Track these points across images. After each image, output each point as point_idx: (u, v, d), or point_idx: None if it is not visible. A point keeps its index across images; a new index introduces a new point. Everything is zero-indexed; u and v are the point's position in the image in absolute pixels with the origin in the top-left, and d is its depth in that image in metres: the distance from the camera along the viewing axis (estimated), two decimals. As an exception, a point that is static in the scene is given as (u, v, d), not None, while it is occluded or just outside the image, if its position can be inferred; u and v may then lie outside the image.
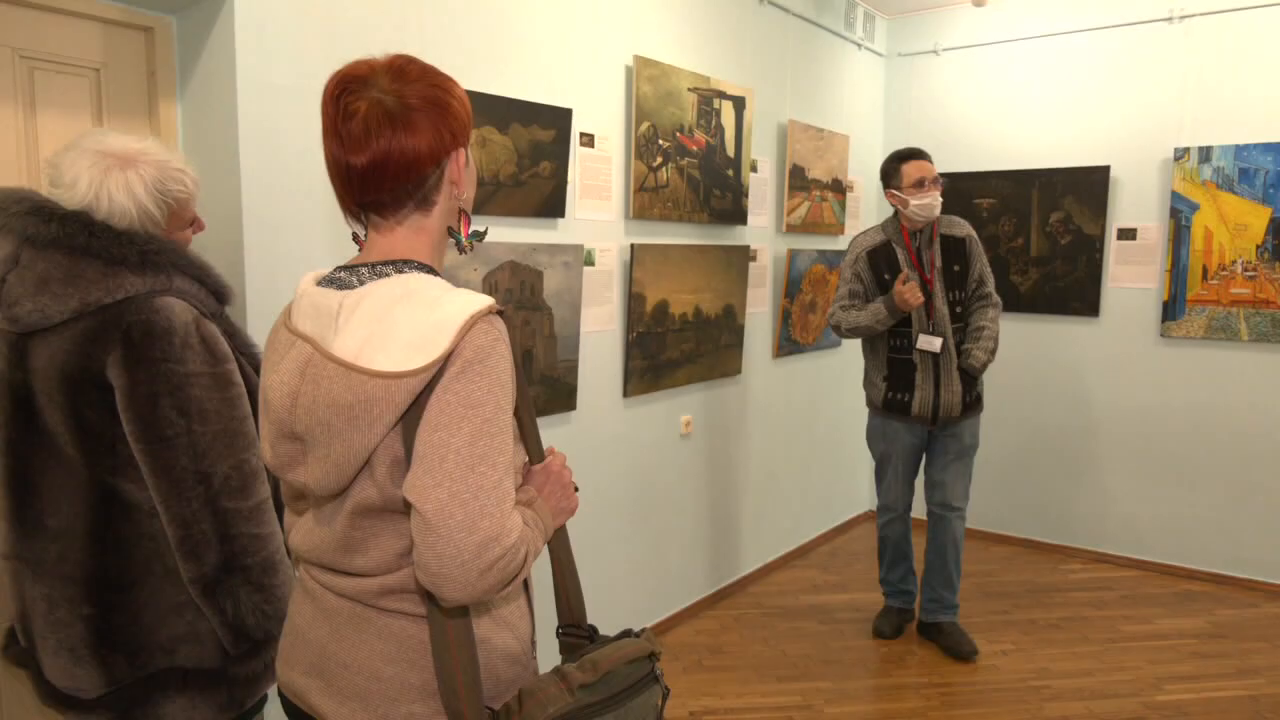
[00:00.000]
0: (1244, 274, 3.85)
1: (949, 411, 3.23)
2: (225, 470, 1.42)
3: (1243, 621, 3.62)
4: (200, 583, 1.42)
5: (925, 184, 3.16)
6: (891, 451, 3.39)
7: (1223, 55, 3.85)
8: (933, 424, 3.29)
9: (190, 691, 1.49)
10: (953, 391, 3.22)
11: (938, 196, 3.18)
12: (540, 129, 2.68)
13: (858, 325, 3.25)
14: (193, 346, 1.40)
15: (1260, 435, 3.90)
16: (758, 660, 3.29)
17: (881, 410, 3.37)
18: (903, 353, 3.26)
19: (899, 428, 3.34)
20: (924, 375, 3.23)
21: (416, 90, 1.10)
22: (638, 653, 1.19)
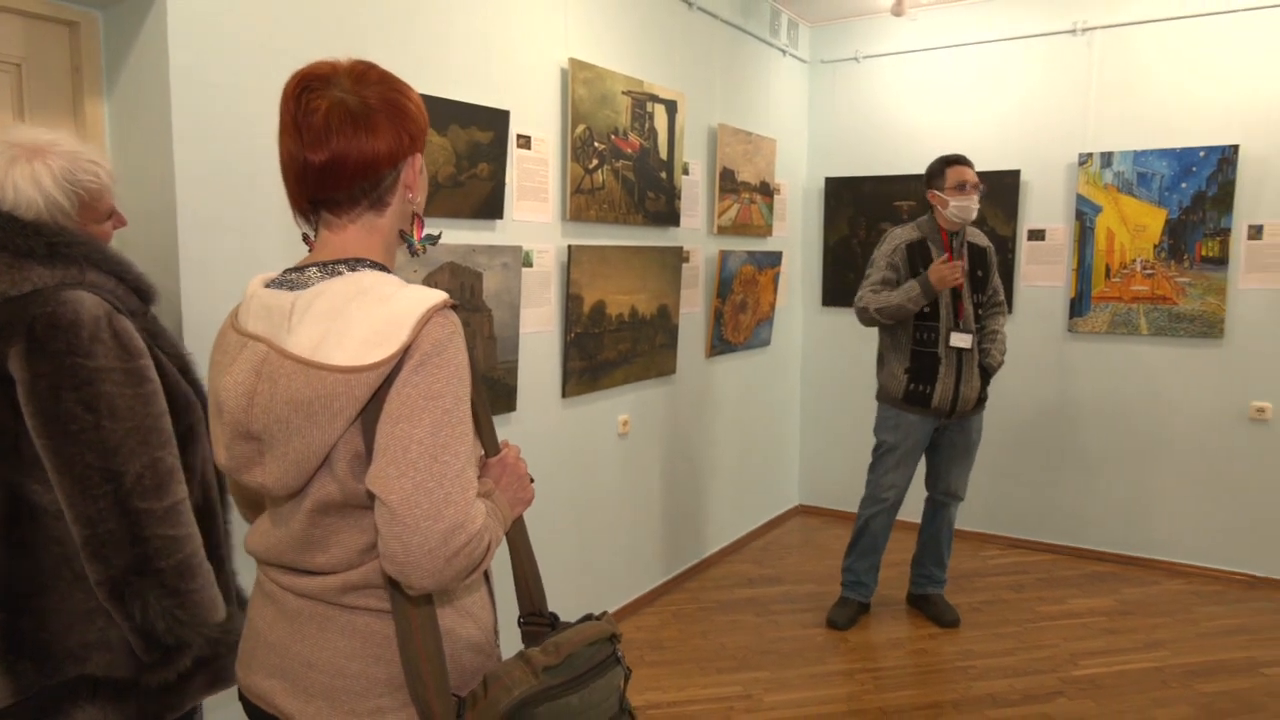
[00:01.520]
0: (1143, 272, 4.10)
1: (965, 405, 3.41)
2: (138, 469, 1.38)
3: (1147, 598, 3.85)
4: (107, 585, 1.37)
5: (967, 188, 3.32)
6: (900, 443, 3.49)
7: (1122, 66, 4.10)
8: (949, 416, 3.43)
9: (101, 701, 1.44)
10: (972, 387, 3.40)
11: (976, 201, 3.34)
12: (478, 130, 2.69)
13: (888, 305, 3.33)
14: (103, 341, 1.36)
15: (1159, 424, 4.16)
16: (698, 654, 3.35)
17: (901, 401, 3.46)
18: (928, 346, 3.39)
19: (914, 420, 3.45)
20: (947, 369, 3.37)
21: (377, 93, 1.13)
22: (599, 635, 1.22)
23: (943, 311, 3.34)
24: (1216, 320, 3.98)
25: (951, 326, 3.35)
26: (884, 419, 3.53)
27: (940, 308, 3.34)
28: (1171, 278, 4.05)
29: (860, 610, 3.66)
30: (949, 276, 3.24)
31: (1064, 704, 2.96)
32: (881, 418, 3.55)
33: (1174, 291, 4.05)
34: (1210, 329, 3.99)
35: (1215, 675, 3.16)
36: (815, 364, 5.03)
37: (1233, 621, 3.61)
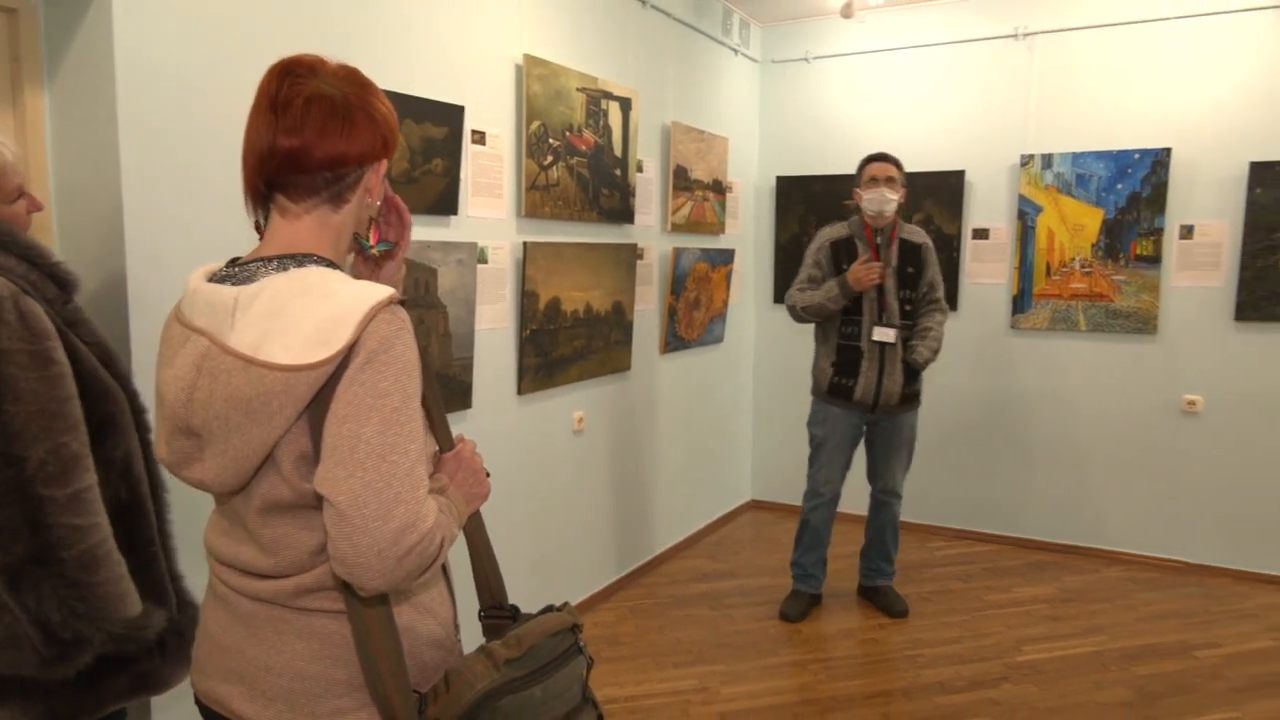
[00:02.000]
0: (1081, 270, 4.24)
1: (888, 400, 3.46)
2: (41, 454, 1.33)
3: (1087, 586, 3.99)
4: (5, 574, 1.33)
5: (879, 181, 3.40)
6: (830, 436, 3.57)
7: (1061, 71, 4.23)
8: (872, 410, 3.50)
9: (8, 701, 1.39)
10: (894, 381, 3.46)
11: (886, 194, 3.40)
12: (433, 125, 2.67)
13: (811, 304, 3.45)
14: (7, 322, 1.32)
15: (1098, 417, 4.30)
16: (654, 648, 3.37)
17: (826, 395, 3.55)
18: (852, 340, 3.47)
19: (839, 413, 3.54)
20: (870, 363, 3.45)
21: (359, 94, 1.13)
22: (560, 625, 1.23)
23: (866, 306, 3.43)
24: (1150, 317, 4.12)
25: (875, 321, 3.43)
26: (814, 413, 3.63)
27: (865, 303, 3.42)
28: (1108, 276, 4.19)
29: (812, 602, 3.72)
30: (865, 277, 3.33)
31: (1009, 689, 3.05)
32: (812, 412, 3.64)
33: (1110, 289, 4.19)
34: (1144, 325, 4.14)
35: (1150, 658, 3.28)
36: (767, 360, 5.09)
37: (1167, 606, 3.75)
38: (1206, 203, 4.00)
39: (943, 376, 4.60)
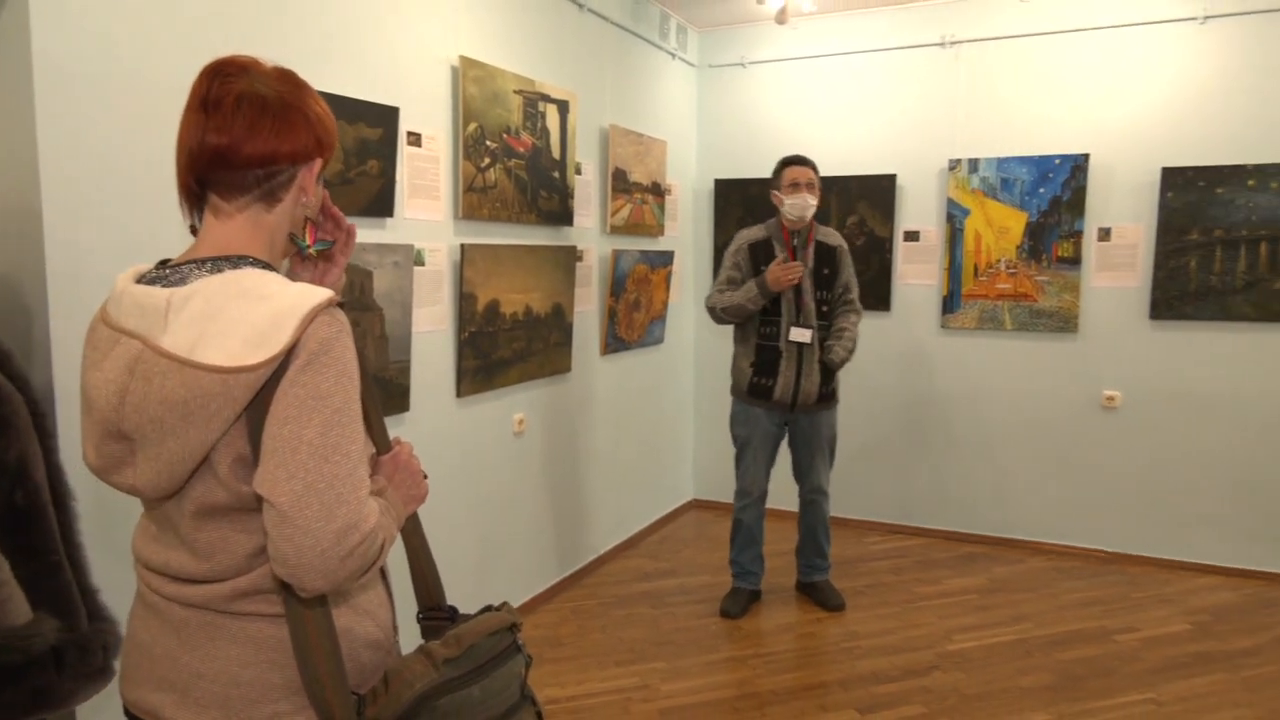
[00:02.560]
0: (1007, 271, 4.39)
1: (806, 399, 3.54)
2: None
3: (1014, 576, 4.13)
4: None
5: (800, 186, 3.48)
6: (752, 436, 3.64)
7: (987, 78, 4.38)
8: (791, 410, 3.57)
9: None
10: (812, 381, 3.53)
11: (808, 199, 3.48)
12: (367, 127, 2.65)
13: (731, 304, 3.52)
14: None
15: (1023, 413, 4.46)
16: (596, 648, 3.39)
17: (746, 395, 3.62)
18: (771, 340, 3.54)
19: (760, 413, 3.61)
20: (788, 363, 3.52)
21: (293, 93, 1.13)
22: (499, 624, 1.24)
23: (784, 307, 3.51)
24: (1071, 316, 4.29)
25: (792, 322, 3.51)
26: (735, 413, 3.70)
27: (782, 304, 3.51)
28: (1032, 276, 4.35)
29: (752, 598, 3.78)
30: (784, 277, 3.42)
31: (939, 677, 3.15)
32: (733, 412, 3.71)
33: (1034, 289, 4.35)
34: (1066, 324, 4.31)
35: (1072, 644, 3.42)
36: (708, 361, 5.14)
37: (1089, 594, 3.91)
38: (1123, 206, 4.18)
39: (876, 375, 4.72)
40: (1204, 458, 4.14)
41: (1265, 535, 4.06)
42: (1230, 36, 3.93)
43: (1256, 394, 4.02)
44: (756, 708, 2.95)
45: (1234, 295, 3.98)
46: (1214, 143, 3.98)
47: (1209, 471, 4.14)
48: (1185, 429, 4.16)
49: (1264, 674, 3.17)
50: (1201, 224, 4.00)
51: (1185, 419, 4.16)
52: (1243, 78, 3.92)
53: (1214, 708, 2.94)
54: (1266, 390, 4.00)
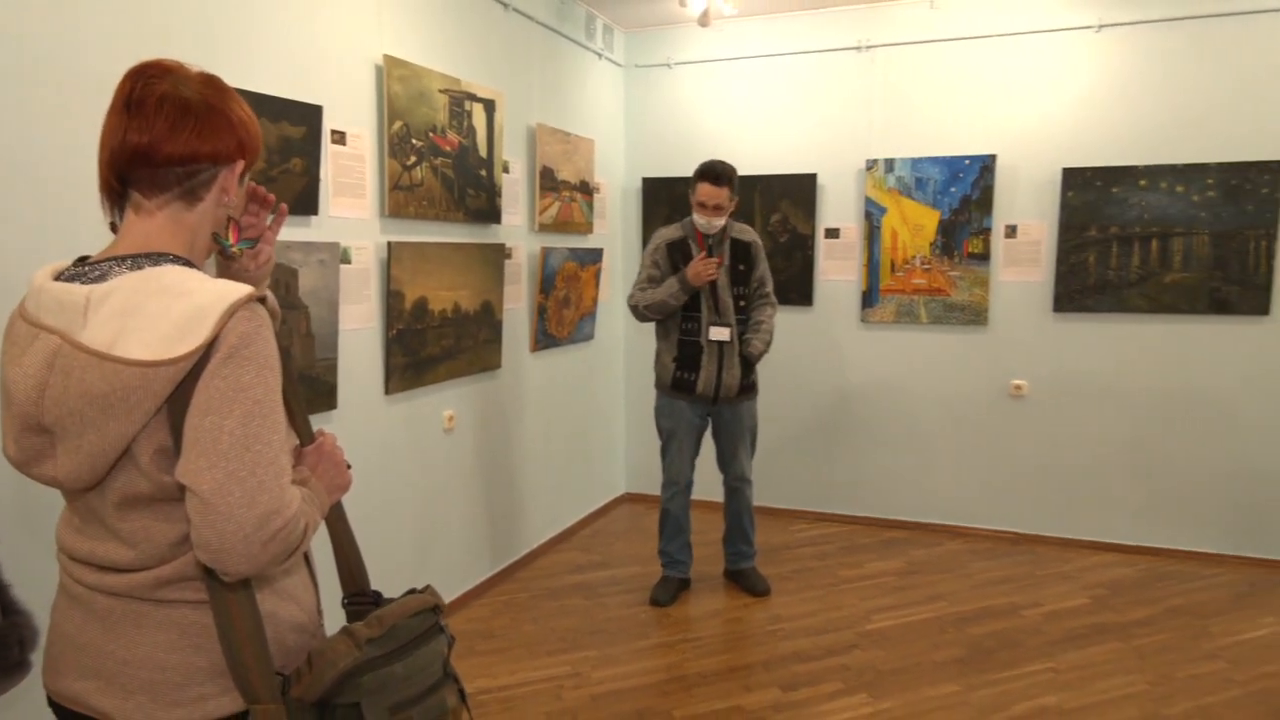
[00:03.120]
0: (921, 267, 4.58)
1: (728, 392, 3.66)
2: None
3: (932, 559, 4.32)
4: None
5: (706, 207, 3.60)
6: (677, 428, 3.75)
7: (901, 82, 4.56)
8: (714, 402, 3.69)
9: None
10: (733, 374, 3.65)
11: (714, 222, 3.62)
12: (290, 125, 2.65)
13: (654, 302, 3.64)
14: None
15: (938, 402, 4.66)
16: (528, 639, 3.45)
17: (670, 389, 3.73)
18: (692, 335, 3.66)
19: (684, 406, 3.72)
20: (709, 358, 3.64)
21: (216, 97, 1.17)
22: (421, 606, 1.29)
23: (704, 303, 3.63)
24: (982, 309, 4.51)
25: (711, 317, 3.64)
26: (660, 407, 3.81)
27: (702, 300, 3.63)
28: (945, 272, 4.55)
29: (681, 586, 3.89)
30: (704, 272, 3.55)
31: (859, 654, 3.30)
32: (658, 406, 3.82)
33: (947, 284, 4.55)
34: (977, 317, 4.52)
35: (983, 620, 3.61)
36: (638, 357, 5.22)
37: (999, 573, 4.12)
38: (1027, 205, 4.41)
39: (799, 368, 4.88)
40: (1102, 442, 4.39)
41: (1158, 513, 4.33)
42: (1124, 45, 4.18)
43: (1148, 381, 4.28)
44: (684, 690, 3.05)
45: (1129, 289, 4.24)
46: (1110, 145, 4.23)
47: (1106, 455, 4.39)
48: (1085, 415, 4.41)
49: (1154, 642, 3.40)
50: (1099, 221, 4.25)
51: (1085, 406, 4.41)
52: (1135, 84, 4.17)
53: (1108, 674, 3.14)
54: (1157, 377, 4.27)
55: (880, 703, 2.94)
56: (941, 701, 2.95)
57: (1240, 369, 4.14)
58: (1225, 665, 3.20)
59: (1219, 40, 4.03)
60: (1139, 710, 2.89)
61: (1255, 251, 4.04)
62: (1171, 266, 4.16)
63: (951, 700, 2.96)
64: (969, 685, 3.06)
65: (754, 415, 3.85)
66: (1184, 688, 3.04)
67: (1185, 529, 4.30)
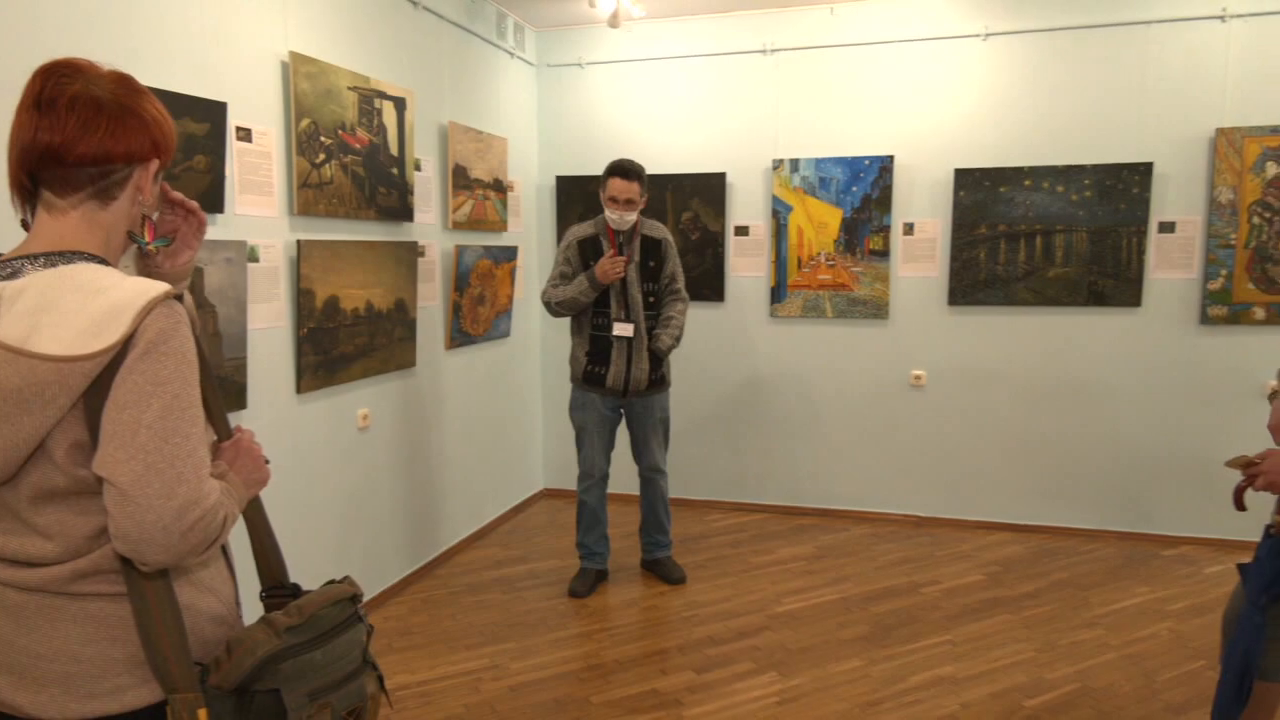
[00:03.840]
0: (826, 263, 4.77)
1: (637, 385, 3.75)
2: None
3: (839, 544, 4.51)
4: None
5: (618, 202, 3.68)
6: (589, 421, 3.83)
7: (804, 84, 4.73)
8: (624, 396, 3.77)
9: None
10: (641, 369, 3.75)
11: (626, 216, 3.70)
12: (193, 122, 2.62)
13: (565, 298, 3.71)
14: None
15: (844, 394, 4.86)
16: (446, 635, 3.47)
17: (582, 383, 3.81)
18: (603, 331, 3.75)
19: (595, 399, 3.80)
20: (619, 352, 3.73)
21: (129, 96, 1.17)
22: (340, 595, 1.33)
23: (614, 299, 3.73)
24: (883, 304, 4.72)
25: (619, 314, 3.74)
26: (573, 400, 3.90)
27: (611, 296, 3.72)
28: (848, 268, 4.74)
29: (599, 578, 3.96)
30: (611, 270, 3.65)
31: (769, 635, 3.43)
32: (571, 399, 3.91)
33: (850, 280, 4.75)
34: (878, 311, 4.73)
35: (886, 598, 3.79)
36: (555, 354, 5.27)
37: (901, 555, 4.33)
38: (923, 204, 4.64)
39: (712, 362, 5.01)
40: (994, 428, 4.66)
41: (1045, 493, 4.62)
42: (1009, 53, 4.44)
43: (1034, 369, 4.57)
44: (601, 677, 3.12)
45: (1016, 283, 4.51)
46: (997, 147, 4.49)
47: (998, 440, 4.67)
48: (979, 403, 4.67)
49: (1041, 613, 3.64)
50: (988, 220, 4.50)
51: (979, 394, 4.67)
52: (1020, 90, 4.44)
53: (999, 644, 3.36)
54: (1042, 366, 4.55)
55: (789, 680, 3.08)
56: (846, 676, 3.11)
57: (1116, 357, 4.45)
58: (1103, 632, 3.46)
59: (1095, 50, 4.32)
60: (1025, 675, 3.11)
61: (1128, 248, 4.36)
62: (1054, 262, 4.44)
63: (855, 674, 3.12)
64: (871, 660, 3.23)
65: (665, 408, 3.95)
66: (1066, 654, 3.27)
67: (1069, 507, 4.61)
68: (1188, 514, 4.41)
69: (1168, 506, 4.46)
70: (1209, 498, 4.35)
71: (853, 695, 2.97)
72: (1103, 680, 3.07)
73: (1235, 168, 4.18)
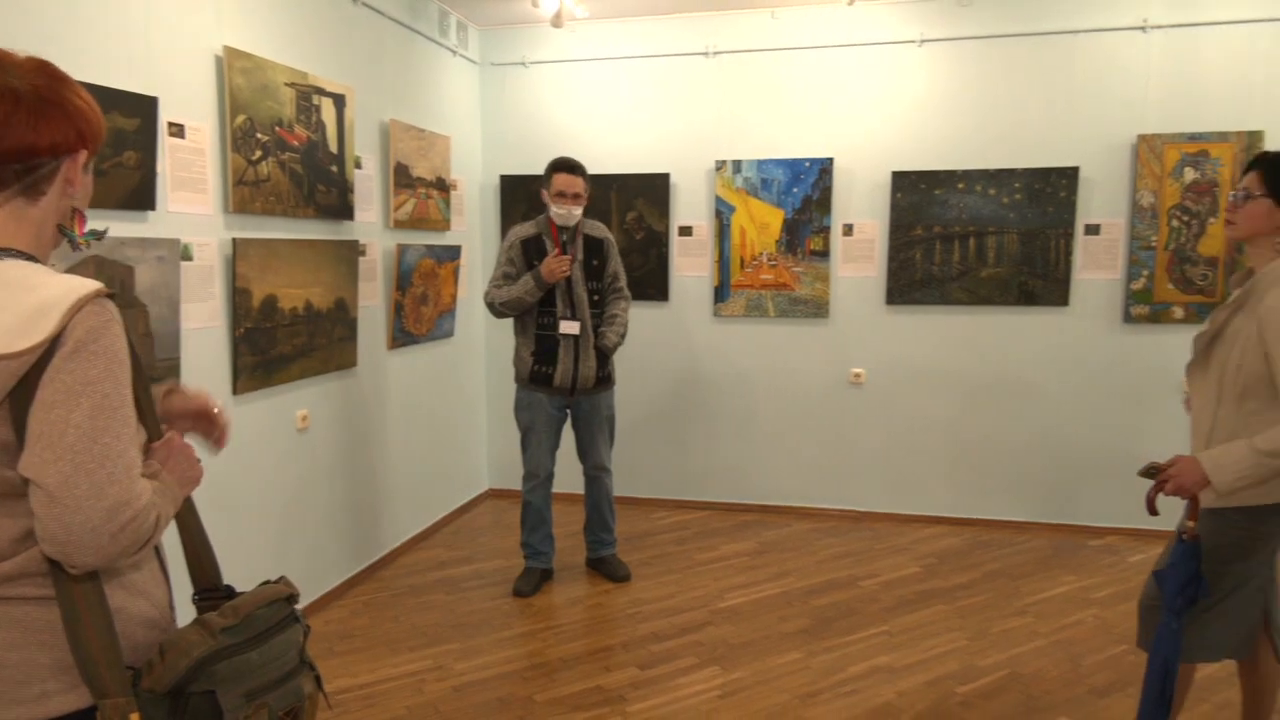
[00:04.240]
0: (768, 263, 4.84)
1: (585, 384, 3.76)
2: None
3: (781, 539, 4.58)
4: None
5: (566, 196, 3.68)
6: (535, 421, 3.82)
7: (746, 87, 4.79)
8: (571, 395, 3.77)
9: None
10: (589, 366, 3.75)
11: (573, 211, 3.71)
12: (122, 116, 2.55)
13: (510, 298, 3.70)
14: None
15: (786, 392, 4.94)
16: (389, 637, 3.44)
17: (528, 383, 3.80)
18: (549, 330, 3.74)
19: (542, 399, 3.79)
20: (565, 351, 3.73)
21: (50, 85, 1.15)
22: (276, 595, 1.32)
23: (559, 298, 3.74)
24: (823, 303, 4.81)
25: (564, 312, 3.76)
26: (519, 400, 3.89)
27: (557, 295, 3.73)
28: (789, 268, 4.82)
29: (544, 577, 3.97)
30: (557, 269, 3.66)
31: (711, 630, 3.48)
32: (517, 400, 3.90)
33: (792, 279, 4.83)
34: (819, 310, 4.82)
35: (826, 592, 3.87)
36: (499, 353, 5.26)
37: (842, 549, 4.42)
38: (862, 205, 4.74)
39: (656, 361, 5.05)
40: (931, 424, 4.79)
41: (980, 487, 4.77)
42: (943, 59, 4.56)
43: (969, 367, 4.70)
44: (546, 675, 3.13)
45: (951, 283, 4.64)
46: (933, 150, 4.61)
47: (935, 435, 4.79)
48: (915, 399, 4.79)
49: (975, 603, 3.75)
50: (924, 221, 4.62)
51: (915, 391, 4.79)
52: (954, 95, 4.56)
53: (934, 634, 3.45)
54: (976, 363, 4.69)
55: (730, 674, 3.13)
56: (786, 669, 3.17)
57: (1045, 355, 4.61)
58: (1032, 620, 3.58)
59: (1024, 58, 4.47)
60: (958, 663, 3.21)
61: (1056, 249, 4.51)
62: (987, 262, 4.58)
63: (795, 667, 3.18)
64: (811, 652, 3.29)
65: (611, 406, 3.97)
66: (997, 641, 3.38)
67: (1002, 501, 4.75)
68: (1113, 506, 4.59)
69: (1094, 499, 4.64)
70: (1133, 490, 4.48)
71: (792, 687, 3.03)
72: (1031, 666, 3.19)
73: (1156, 173, 4.36)
